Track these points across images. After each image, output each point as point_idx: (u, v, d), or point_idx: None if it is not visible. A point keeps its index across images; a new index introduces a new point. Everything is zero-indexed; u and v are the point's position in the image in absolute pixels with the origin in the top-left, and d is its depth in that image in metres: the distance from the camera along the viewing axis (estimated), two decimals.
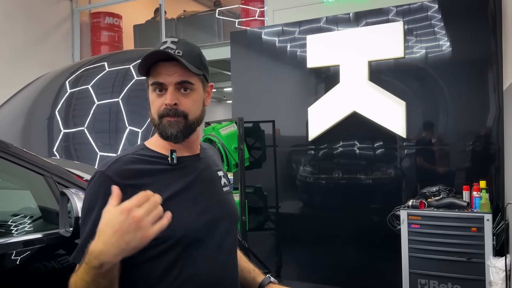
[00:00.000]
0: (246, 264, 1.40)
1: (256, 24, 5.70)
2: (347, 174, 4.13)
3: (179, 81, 1.12)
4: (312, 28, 4.31)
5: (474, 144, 3.66)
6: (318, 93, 4.29)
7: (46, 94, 3.62)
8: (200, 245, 1.15)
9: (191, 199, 1.16)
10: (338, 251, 4.09)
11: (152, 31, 6.80)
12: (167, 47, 1.12)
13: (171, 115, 1.12)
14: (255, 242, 4.07)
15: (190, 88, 1.14)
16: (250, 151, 4.16)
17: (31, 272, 1.51)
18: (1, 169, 1.67)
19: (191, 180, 1.18)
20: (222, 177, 1.30)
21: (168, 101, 1.12)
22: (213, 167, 1.28)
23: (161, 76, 1.12)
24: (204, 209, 1.18)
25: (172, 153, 1.16)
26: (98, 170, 1.11)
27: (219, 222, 1.21)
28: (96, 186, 1.09)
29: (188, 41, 1.17)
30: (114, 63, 3.55)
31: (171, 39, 1.15)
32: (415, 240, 3.34)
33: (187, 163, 1.19)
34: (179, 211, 1.11)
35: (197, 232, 1.14)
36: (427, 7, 3.83)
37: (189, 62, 1.12)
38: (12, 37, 6.16)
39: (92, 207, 1.07)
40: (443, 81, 3.79)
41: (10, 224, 1.67)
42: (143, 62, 1.12)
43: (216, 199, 1.23)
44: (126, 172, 1.10)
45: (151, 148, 1.19)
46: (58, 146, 3.24)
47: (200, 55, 1.18)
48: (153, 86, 1.14)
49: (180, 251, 1.11)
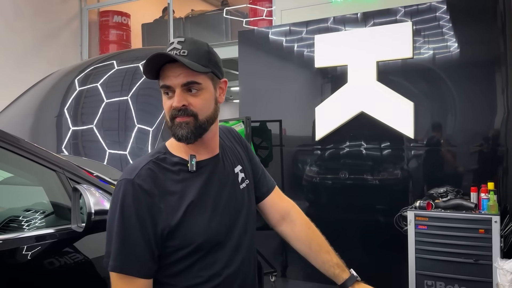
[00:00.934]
0: (328, 256, 1.36)
1: (263, 23, 5.70)
2: (353, 175, 4.12)
3: (185, 83, 1.11)
4: (320, 28, 4.31)
5: (482, 145, 3.64)
6: (325, 93, 4.28)
7: (55, 92, 3.64)
8: (220, 247, 1.16)
9: (210, 204, 1.17)
10: (344, 252, 4.05)
11: (160, 30, 6.83)
12: (173, 48, 1.11)
13: (180, 116, 1.12)
14: (261, 242, 4.07)
15: (197, 88, 1.13)
16: (257, 151, 4.17)
17: (43, 267, 1.53)
18: (13, 164, 1.69)
19: (209, 185, 1.18)
20: (239, 173, 1.29)
21: (175, 103, 1.11)
22: (231, 165, 1.28)
23: (168, 78, 1.11)
24: (223, 212, 1.19)
25: (192, 159, 1.16)
26: (126, 177, 1.12)
27: (237, 222, 1.22)
28: (125, 193, 1.09)
29: (196, 39, 1.16)
30: (123, 62, 3.57)
31: (178, 39, 1.14)
32: (422, 241, 3.33)
33: (205, 168, 1.19)
34: (199, 217, 1.13)
35: (216, 236, 1.16)
36: (436, 8, 3.82)
37: (195, 61, 1.10)
38: (21, 35, 6.21)
39: (123, 214, 1.08)
40: (451, 82, 3.77)
41: (22, 219, 1.69)
42: (147, 66, 1.11)
43: (233, 200, 1.23)
44: (152, 180, 1.11)
45: (172, 152, 1.19)
46: (66, 143, 3.27)
47: (209, 52, 1.16)
48: (163, 89, 1.14)
49: (200, 256, 1.13)
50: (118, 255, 1.07)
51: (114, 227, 1.09)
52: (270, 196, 1.42)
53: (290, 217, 1.41)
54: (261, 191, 1.40)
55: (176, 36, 1.17)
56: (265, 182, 1.42)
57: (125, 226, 1.07)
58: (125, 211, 1.08)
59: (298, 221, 1.40)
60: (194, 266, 1.13)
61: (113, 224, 1.09)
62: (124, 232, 1.07)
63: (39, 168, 1.65)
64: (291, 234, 1.40)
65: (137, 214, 1.08)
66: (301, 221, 1.41)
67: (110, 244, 1.09)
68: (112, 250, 1.08)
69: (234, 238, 1.20)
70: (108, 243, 1.10)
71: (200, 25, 6.78)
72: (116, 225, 1.08)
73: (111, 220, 1.11)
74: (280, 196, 1.45)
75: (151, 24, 7.27)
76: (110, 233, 1.10)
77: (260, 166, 1.43)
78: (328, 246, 1.37)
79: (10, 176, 1.88)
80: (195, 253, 1.12)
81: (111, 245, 1.09)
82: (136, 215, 1.08)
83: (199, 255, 1.13)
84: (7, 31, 6.01)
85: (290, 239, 1.41)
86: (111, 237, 1.10)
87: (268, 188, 1.42)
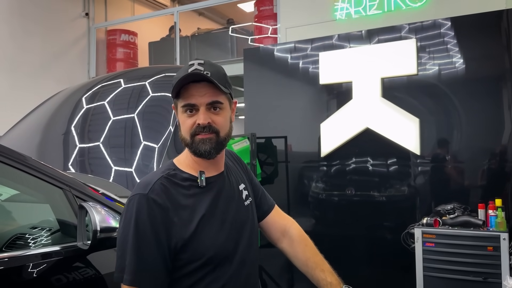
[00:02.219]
0: (322, 275, 1.34)
1: (268, 41, 5.76)
2: (360, 191, 4.10)
3: (210, 102, 1.17)
4: (325, 45, 4.34)
5: (489, 161, 3.62)
6: (330, 109, 4.30)
7: (63, 110, 3.68)
8: (227, 261, 1.19)
9: (218, 219, 1.20)
10: (351, 269, 4.03)
11: (167, 48, 6.91)
12: (195, 69, 1.16)
13: (204, 132, 1.17)
14: (268, 259, 4.05)
15: (220, 107, 1.19)
16: (262, 167, 4.17)
17: (48, 284, 1.53)
18: (20, 182, 1.71)
19: (217, 200, 1.22)
20: (243, 191, 1.34)
21: (202, 121, 1.16)
22: (235, 182, 1.33)
23: (193, 97, 1.16)
24: (230, 227, 1.22)
25: (201, 175, 1.20)
26: (139, 192, 1.15)
27: (243, 236, 1.25)
28: (139, 207, 1.12)
29: (213, 62, 1.22)
30: (130, 80, 3.61)
31: (197, 61, 1.18)
32: (429, 259, 3.29)
33: (214, 184, 1.24)
34: (209, 231, 1.16)
35: (225, 249, 1.19)
36: (440, 24, 3.84)
37: (218, 82, 1.16)
38: (30, 54, 6.31)
39: (137, 228, 1.10)
40: (456, 98, 3.77)
41: (28, 236, 1.69)
42: (178, 84, 1.16)
43: (239, 215, 1.27)
44: (164, 195, 1.14)
45: (181, 169, 1.23)
46: (73, 160, 3.29)
47: (225, 74, 1.23)
48: (184, 108, 1.18)
49: (210, 270, 1.16)
50: (134, 269, 1.08)
51: (128, 242, 1.10)
52: (270, 214, 1.46)
53: (289, 234, 1.45)
54: (262, 210, 1.45)
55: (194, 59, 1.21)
56: (265, 202, 1.47)
57: (140, 240, 1.10)
58: (139, 225, 1.10)
59: (296, 238, 1.43)
60: (204, 280, 1.15)
61: (127, 239, 1.11)
62: (139, 246, 1.09)
63: (45, 185, 1.66)
64: (290, 251, 1.43)
65: (152, 228, 1.10)
66: (299, 238, 1.44)
67: (123, 258, 1.11)
68: (127, 264, 1.09)
69: (240, 252, 1.23)
70: (121, 257, 1.12)
71: (206, 43, 6.86)
72: (130, 239, 1.10)
73: (124, 234, 1.12)
74: (280, 214, 1.50)
75: (158, 42, 7.37)
76: (123, 248, 1.12)
77: (260, 187, 1.49)
78: (324, 264, 1.38)
79: (17, 193, 1.89)
80: (205, 266, 1.14)
81: (124, 260, 1.10)
82: (151, 229, 1.10)
83: (208, 269, 1.15)
84: (16, 50, 6.12)
85: (289, 256, 1.44)
86: (124, 252, 1.11)
87: (269, 207, 1.47)
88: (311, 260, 1.38)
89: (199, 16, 9.17)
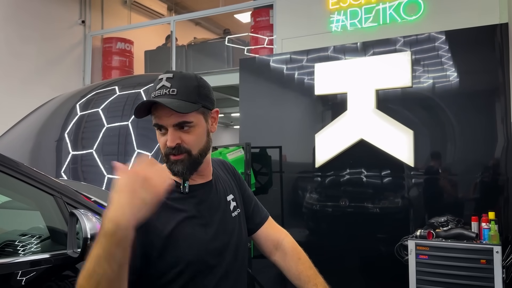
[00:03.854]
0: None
1: (264, 51, 5.79)
2: (354, 202, 4.10)
3: (176, 123, 1.13)
4: (320, 56, 4.37)
5: (482, 174, 3.63)
6: (325, 120, 4.31)
7: (56, 117, 3.66)
8: (209, 272, 1.15)
9: (201, 226, 1.17)
10: (344, 281, 4.02)
11: (163, 57, 6.92)
12: (162, 86, 1.13)
13: (174, 154, 1.14)
14: (260, 270, 4.02)
15: (189, 125, 1.14)
16: (256, 177, 4.16)
17: None
18: (11, 188, 1.68)
19: (201, 208, 1.20)
20: (231, 201, 1.31)
21: (169, 143, 1.13)
22: (223, 193, 1.30)
23: (160, 118, 1.13)
24: (213, 236, 1.19)
25: (185, 182, 1.17)
26: None
27: (227, 248, 1.22)
28: None
29: (184, 73, 1.17)
30: (124, 87, 3.60)
31: (166, 75, 1.15)
32: (423, 271, 3.28)
33: (198, 192, 1.21)
34: (190, 237, 1.13)
35: (206, 258, 1.15)
36: (435, 38, 3.88)
37: (184, 99, 1.11)
38: (25, 60, 6.29)
39: None
40: (450, 111, 3.80)
41: (17, 243, 1.66)
42: (138, 110, 1.13)
43: (224, 225, 1.24)
44: None
45: None
46: (66, 167, 3.26)
47: (198, 86, 1.16)
48: (155, 127, 1.16)
49: (189, 278, 1.12)
50: None
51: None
52: (263, 226, 1.43)
53: (282, 247, 1.42)
54: (254, 222, 1.42)
55: (165, 72, 1.18)
56: (258, 214, 1.44)
57: None
58: None
59: (289, 251, 1.40)
60: None
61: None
62: None
63: (36, 192, 1.64)
64: (283, 264, 1.40)
65: None
66: (292, 251, 1.41)
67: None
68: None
69: (224, 265, 1.19)
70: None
71: (202, 52, 6.88)
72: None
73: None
74: (274, 226, 1.47)
75: (154, 51, 7.38)
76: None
77: (253, 198, 1.46)
78: (317, 278, 1.35)
79: (8, 200, 1.87)
80: (183, 274, 1.11)
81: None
82: None
83: (187, 277, 1.11)
84: (11, 56, 6.10)
85: (282, 269, 1.41)
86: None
87: (262, 218, 1.44)
88: (303, 274, 1.35)
89: (195, 26, 9.20)
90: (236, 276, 1.23)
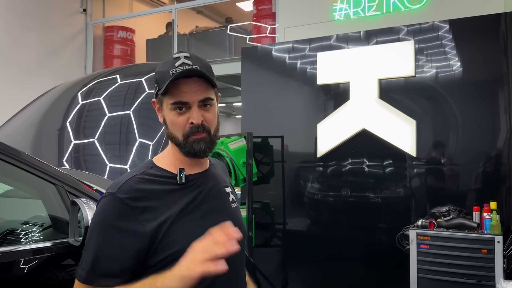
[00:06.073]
0: None
1: (267, 40, 5.75)
2: (355, 192, 4.10)
3: (202, 99, 1.11)
4: (323, 45, 4.34)
5: (484, 164, 3.63)
6: (327, 109, 4.29)
7: (58, 105, 3.66)
8: None
9: (199, 217, 1.16)
10: (345, 270, 4.04)
11: (165, 45, 6.90)
12: (183, 63, 1.10)
13: (199, 132, 1.12)
14: (262, 259, 4.04)
15: (210, 103, 1.14)
16: (258, 166, 4.16)
17: (39, 281, 1.51)
18: (13, 177, 1.69)
19: (199, 198, 1.18)
20: (230, 193, 1.30)
21: (196, 120, 1.11)
22: (221, 183, 1.28)
23: (184, 94, 1.10)
24: (212, 226, 1.15)
25: (181, 172, 1.15)
26: (109, 191, 1.12)
27: None
28: (106, 207, 1.10)
29: (198, 55, 1.17)
30: (126, 76, 3.58)
31: (183, 54, 1.13)
32: (424, 260, 3.29)
33: (195, 181, 1.19)
34: (188, 227, 1.12)
35: None
36: (438, 27, 3.84)
37: (208, 75, 1.11)
38: (26, 49, 6.27)
39: (101, 227, 1.09)
40: (453, 101, 3.78)
41: (19, 232, 1.67)
42: (170, 82, 1.09)
43: (224, 216, 1.21)
44: (136, 194, 1.10)
45: (160, 166, 1.18)
46: (68, 156, 3.26)
47: (211, 67, 1.17)
48: (174, 105, 1.12)
49: None
50: (89, 266, 1.07)
51: (91, 240, 1.09)
52: None
53: None
54: None
55: (179, 51, 1.16)
56: None
57: (101, 239, 1.07)
58: (103, 224, 1.08)
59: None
60: None
61: (90, 238, 1.09)
62: (99, 245, 1.07)
63: (38, 181, 1.64)
64: None
65: (115, 227, 1.07)
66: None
67: (84, 255, 1.09)
68: (84, 260, 1.08)
69: None
70: (83, 254, 1.10)
71: (204, 41, 6.85)
72: (92, 237, 1.09)
73: (89, 232, 1.11)
74: None
75: (155, 39, 7.35)
76: (86, 245, 1.10)
77: None
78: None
79: (10, 189, 1.88)
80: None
81: (84, 256, 1.09)
82: (115, 229, 1.07)
83: None
84: (12, 45, 6.08)
85: None
86: (86, 248, 1.10)
87: None
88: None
89: (197, 14, 9.15)
90: (235, 267, 1.22)
